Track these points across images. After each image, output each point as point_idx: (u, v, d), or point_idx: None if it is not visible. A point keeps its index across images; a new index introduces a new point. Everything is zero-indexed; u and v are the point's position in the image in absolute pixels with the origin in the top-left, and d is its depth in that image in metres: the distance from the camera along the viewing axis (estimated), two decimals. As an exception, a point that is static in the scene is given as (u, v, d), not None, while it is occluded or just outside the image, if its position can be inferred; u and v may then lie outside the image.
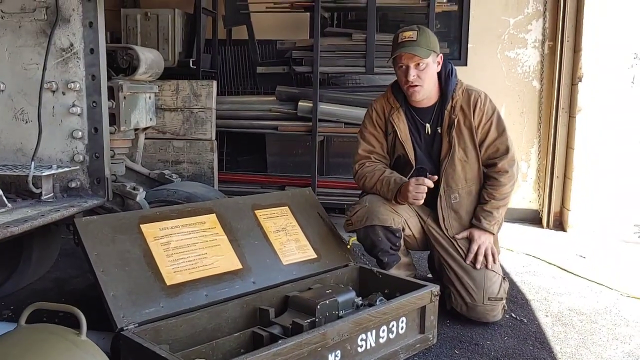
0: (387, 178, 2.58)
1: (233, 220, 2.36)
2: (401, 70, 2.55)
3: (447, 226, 2.61)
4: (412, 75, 2.50)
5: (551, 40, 4.56)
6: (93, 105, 2.18)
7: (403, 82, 2.57)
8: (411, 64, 2.50)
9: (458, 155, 2.58)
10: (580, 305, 2.84)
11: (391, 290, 2.38)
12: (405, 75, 2.52)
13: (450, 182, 2.60)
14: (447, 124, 2.60)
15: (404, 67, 2.53)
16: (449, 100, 2.60)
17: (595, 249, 3.92)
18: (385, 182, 2.58)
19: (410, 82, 2.52)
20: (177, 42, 4.28)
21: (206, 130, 3.41)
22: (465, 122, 2.58)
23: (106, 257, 1.94)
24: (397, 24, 5.06)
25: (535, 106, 4.67)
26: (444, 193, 2.61)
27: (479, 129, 2.58)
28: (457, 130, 2.57)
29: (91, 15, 2.15)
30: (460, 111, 2.59)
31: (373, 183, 2.63)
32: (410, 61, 2.49)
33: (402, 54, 2.50)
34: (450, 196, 2.61)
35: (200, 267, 2.12)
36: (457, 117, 2.58)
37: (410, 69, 2.50)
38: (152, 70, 2.60)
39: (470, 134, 2.59)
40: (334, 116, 4.20)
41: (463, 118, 2.58)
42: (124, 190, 2.31)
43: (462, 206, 2.62)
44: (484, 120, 2.58)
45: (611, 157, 4.29)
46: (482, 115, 2.58)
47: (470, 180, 2.61)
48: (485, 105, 2.59)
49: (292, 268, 2.37)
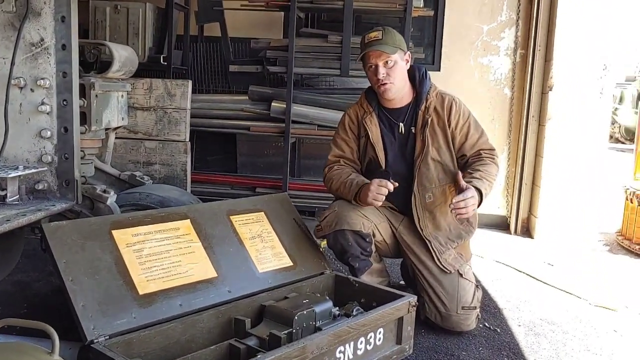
0: (350, 180, 2.59)
1: (208, 226, 2.29)
2: (371, 70, 2.57)
3: (422, 226, 2.60)
4: (381, 74, 2.53)
5: (523, 49, 4.61)
6: (63, 103, 2.08)
7: (374, 82, 2.59)
8: (379, 62, 2.52)
9: (431, 154, 2.59)
10: (551, 315, 2.86)
11: (367, 300, 2.35)
12: (375, 74, 2.54)
13: (424, 181, 2.60)
14: (421, 124, 2.61)
15: (373, 66, 2.55)
16: (423, 101, 2.62)
17: (562, 257, 3.98)
18: (348, 183, 2.59)
19: (380, 80, 2.54)
20: (147, 37, 4.16)
21: (180, 131, 3.30)
22: (439, 122, 2.60)
23: (75, 265, 1.85)
24: (372, 27, 5.04)
25: (506, 113, 4.71)
26: (418, 192, 2.60)
27: (457, 130, 2.59)
28: (430, 129, 2.59)
29: (64, 9, 2.04)
30: (434, 112, 2.61)
31: (337, 185, 2.64)
32: (378, 59, 2.52)
33: (369, 53, 2.53)
34: (425, 195, 2.61)
35: (174, 276, 2.05)
36: (430, 117, 2.59)
37: (379, 67, 2.52)
38: (125, 68, 2.50)
39: (444, 135, 2.60)
40: (307, 118, 4.16)
41: (437, 119, 2.60)
42: (94, 193, 2.21)
43: (436, 206, 2.61)
44: (461, 122, 2.60)
45: (579, 166, 4.36)
46: (459, 117, 2.60)
47: (443, 180, 2.61)
48: (461, 108, 2.62)
49: (268, 276, 2.32)
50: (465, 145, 2.60)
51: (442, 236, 2.61)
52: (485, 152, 2.60)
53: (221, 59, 4.66)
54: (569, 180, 4.39)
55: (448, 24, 4.68)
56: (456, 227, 2.64)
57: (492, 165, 2.57)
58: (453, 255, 2.59)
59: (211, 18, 4.50)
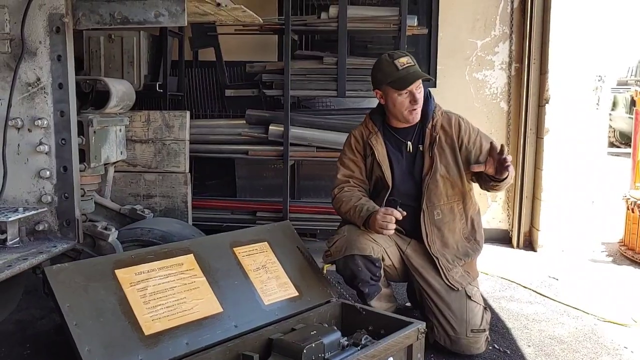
0: (361, 205, 2.56)
1: (211, 259, 2.26)
2: (403, 96, 2.55)
3: (430, 242, 2.59)
4: (419, 100, 2.55)
5: (518, 62, 4.61)
6: (62, 142, 2.06)
7: (406, 108, 2.58)
8: (415, 89, 2.54)
9: (440, 171, 2.59)
10: (560, 333, 2.83)
11: (375, 327, 2.32)
12: (412, 102, 2.55)
13: (433, 198, 2.60)
14: (429, 142, 2.62)
15: (407, 93, 2.54)
16: (429, 120, 2.63)
17: (566, 270, 3.96)
18: (357, 209, 2.56)
19: (418, 105, 2.56)
20: (142, 65, 4.14)
21: (179, 162, 3.28)
22: (447, 140, 2.62)
23: (79, 308, 1.82)
24: (365, 46, 5.06)
25: (503, 127, 4.71)
26: (426, 209, 2.60)
27: (470, 145, 2.61)
28: (438, 147, 2.60)
29: (59, 48, 2.03)
30: (441, 129, 2.62)
31: (347, 209, 2.62)
32: (414, 85, 2.53)
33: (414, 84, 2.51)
34: (433, 212, 2.60)
35: (179, 313, 2.02)
36: (438, 135, 2.61)
37: (416, 93, 2.54)
38: (123, 103, 2.48)
39: (452, 152, 2.61)
40: (306, 140, 4.14)
41: (444, 136, 2.62)
42: (95, 231, 2.18)
43: (444, 223, 2.61)
44: (473, 136, 2.63)
45: (579, 177, 4.36)
46: (469, 132, 2.63)
47: (452, 197, 2.61)
48: (469, 125, 2.66)
49: (274, 308, 2.29)
50: (481, 156, 2.60)
51: (450, 254, 2.60)
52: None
53: (217, 84, 4.65)
54: (570, 192, 4.38)
55: (442, 41, 4.69)
56: (463, 245, 2.63)
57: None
58: (460, 273, 2.58)
59: (205, 43, 4.49)
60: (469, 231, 2.67)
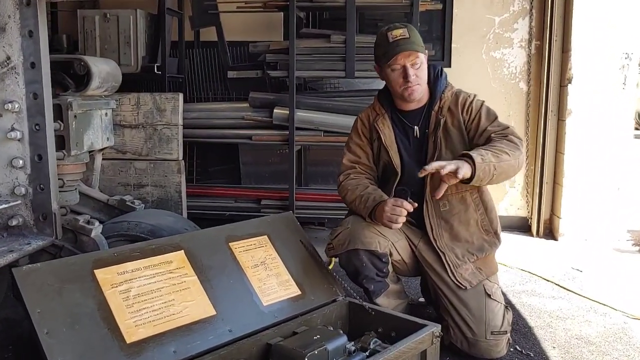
0: (367, 195, 2.34)
1: (204, 256, 2.05)
2: (396, 72, 2.32)
3: (436, 236, 2.37)
4: (411, 76, 2.30)
5: (538, 40, 4.35)
6: (36, 128, 1.85)
7: (399, 84, 2.34)
8: (408, 63, 2.29)
9: (445, 158, 2.33)
10: (587, 333, 2.61)
11: (385, 329, 2.11)
12: (404, 77, 2.30)
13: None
14: (434, 125, 2.38)
15: (399, 67, 2.31)
16: (436, 102, 2.40)
17: (590, 260, 3.72)
18: (364, 198, 2.34)
19: (410, 82, 2.30)
20: (139, 45, 3.93)
21: (172, 149, 3.06)
22: (454, 122, 2.37)
23: (52, 315, 1.62)
24: (375, 24, 4.80)
25: (522, 109, 4.46)
26: (430, 199, 2.37)
27: (470, 124, 2.35)
28: (443, 131, 2.36)
29: (31, 23, 1.81)
30: (447, 112, 2.38)
31: (353, 198, 2.40)
32: (407, 60, 2.29)
33: (398, 55, 2.28)
34: (438, 203, 2.36)
35: (166, 318, 1.81)
36: (444, 118, 2.37)
37: (408, 68, 2.29)
38: (107, 84, 2.26)
39: (460, 136, 2.36)
40: (312, 124, 3.91)
41: (451, 119, 2.37)
42: (77, 225, 1.98)
43: (453, 215, 2.38)
44: (473, 114, 2.36)
45: (603, 161, 4.11)
46: (471, 111, 2.36)
47: (462, 186, 2.34)
48: (473, 102, 2.39)
49: (273, 309, 2.07)
50: (476, 136, 2.34)
51: (461, 248, 2.37)
52: (496, 134, 2.29)
53: (219, 65, 4.43)
54: (593, 177, 4.13)
55: (457, 17, 4.43)
56: (480, 238, 2.40)
57: (501, 140, 2.24)
58: (470, 270, 2.35)
59: (206, 22, 4.26)
60: (489, 221, 2.43)
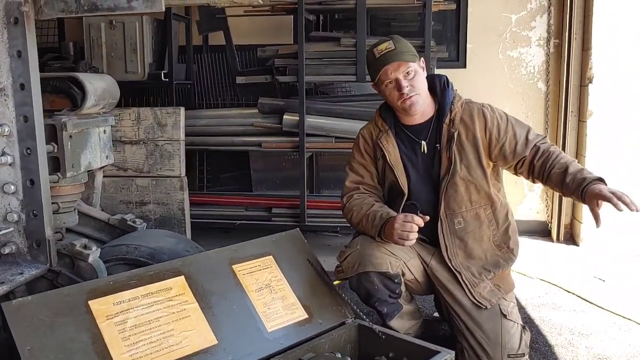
0: (374, 213, 2.22)
1: (206, 281, 1.96)
2: (389, 87, 2.21)
3: (451, 255, 2.25)
4: (405, 87, 2.17)
5: (557, 38, 4.20)
6: (27, 152, 1.77)
7: (396, 98, 2.22)
8: (400, 75, 2.17)
9: (460, 173, 2.22)
10: (610, 351, 2.48)
11: (397, 355, 2.01)
12: (398, 89, 2.19)
13: (452, 205, 2.23)
14: (447, 139, 2.25)
15: (392, 82, 2.19)
16: (447, 113, 2.26)
17: (613, 269, 3.58)
18: (370, 217, 2.22)
19: (405, 94, 2.18)
20: (146, 52, 3.86)
21: (174, 165, 2.97)
22: (468, 135, 2.23)
23: (43, 352, 1.54)
24: (388, 23, 4.68)
25: (541, 110, 4.31)
26: (444, 217, 2.25)
27: (501, 137, 2.21)
28: (457, 144, 2.22)
29: (19, 42, 1.73)
30: (461, 124, 2.24)
31: (359, 218, 2.28)
32: (398, 72, 2.17)
33: (387, 67, 2.17)
34: (454, 221, 2.24)
35: (165, 349, 1.73)
36: (457, 131, 2.23)
37: (401, 80, 2.17)
38: (103, 102, 2.18)
39: (474, 150, 2.23)
40: (323, 130, 3.80)
41: (465, 132, 2.23)
42: (73, 250, 1.91)
43: (467, 232, 2.25)
44: (502, 125, 2.23)
45: (625, 164, 3.94)
46: (498, 122, 2.23)
47: (477, 202, 2.24)
48: (495, 112, 2.26)
49: (278, 335, 1.98)
50: (518, 147, 2.20)
51: (476, 266, 2.25)
52: (541, 144, 2.20)
53: (228, 70, 4.34)
54: (615, 181, 3.93)
55: (472, 17, 4.30)
56: (494, 254, 2.27)
57: (559, 151, 2.21)
58: (489, 288, 2.23)
59: (214, 27, 4.18)
60: (501, 237, 2.30)
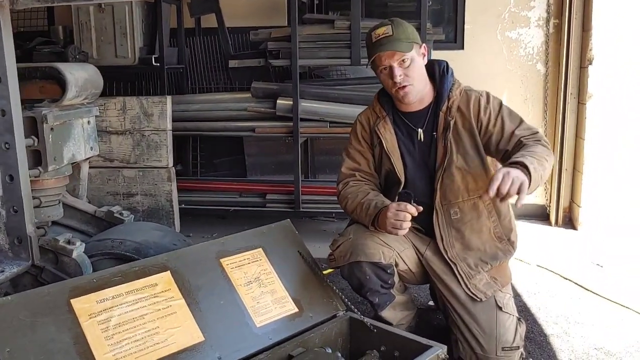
0: (368, 201, 2.17)
1: (193, 276, 1.92)
2: (384, 73, 2.16)
3: (447, 246, 2.20)
4: (398, 76, 2.11)
5: (557, 18, 4.12)
6: (5, 147, 1.72)
7: (390, 86, 2.17)
8: (394, 63, 2.11)
9: (456, 162, 2.16)
10: (607, 341, 2.45)
11: (388, 348, 1.98)
12: (391, 77, 2.13)
13: (448, 195, 2.18)
14: (443, 127, 2.19)
15: (386, 68, 2.14)
16: (444, 101, 2.20)
17: (612, 254, 3.54)
18: (365, 205, 2.18)
19: (398, 83, 2.12)
20: (136, 36, 3.78)
21: (161, 156, 2.91)
22: (465, 124, 2.17)
23: (22, 353, 1.50)
24: (385, 4, 4.58)
25: (540, 92, 4.24)
26: (440, 207, 2.20)
27: (491, 127, 2.14)
28: (453, 133, 2.16)
29: (-8, 31, 1.67)
30: (457, 112, 2.18)
31: (354, 207, 2.24)
32: (392, 60, 2.11)
33: (380, 54, 2.11)
34: (450, 211, 2.20)
35: (150, 347, 1.69)
36: (453, 119, 2.17)
37: (395, 68, 2.11)
38: (86, 92, 2.11)
39: (471, 139, 2.17)
40: (317, 115, 3.74)
41: (462, 120, 2.17)
42: (57, 245, 1.86)
43: (464, 223, 2.20)
44: (493, 115, 2.15)
45: (625, 147, 3.90)
46: (490, 112, 2.16)
47: (474, 191, 2.18)
48: (490, 102, 2.18)
49: (267, 331, 1.95)
50: (502, 141, 2.13)
51: (473, 257, 2.20)
52: (525, 138, 2.10)
53: (221, 54, 4.25)
54: (615, 164, 3.92)
55: (470, -4, 4.20)
56: (493, 246, 2.22)
57: (536, 145, 2.05)
58: (485, 280, 2.19)
59: (205, 9, 4.08)
60: (503, 229, 2.25)
